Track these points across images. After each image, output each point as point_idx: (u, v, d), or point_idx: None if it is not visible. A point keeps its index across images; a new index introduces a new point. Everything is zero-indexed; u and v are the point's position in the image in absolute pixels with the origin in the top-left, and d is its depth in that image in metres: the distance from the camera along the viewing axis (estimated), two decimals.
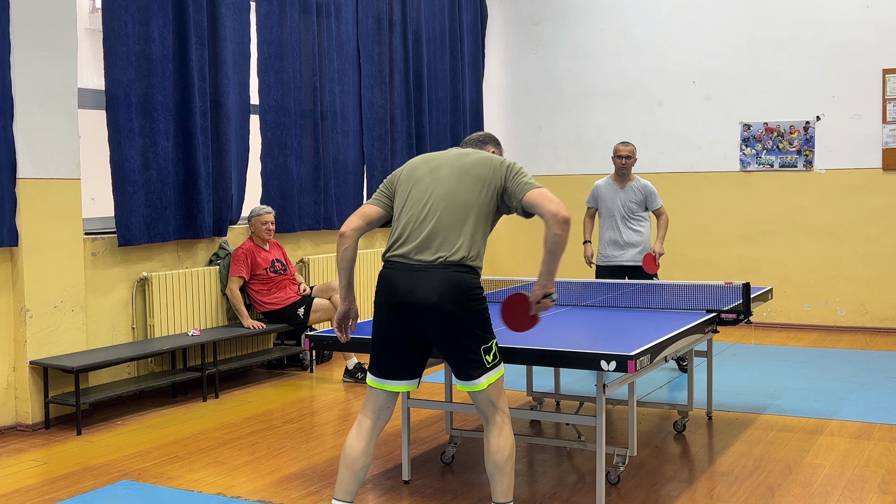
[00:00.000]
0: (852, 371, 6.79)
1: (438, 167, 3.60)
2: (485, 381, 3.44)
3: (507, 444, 3.46)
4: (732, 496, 4.16)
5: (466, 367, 3.45)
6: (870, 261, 8.49)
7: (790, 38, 8.72)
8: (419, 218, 3.51)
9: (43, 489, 4.42)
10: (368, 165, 8.32)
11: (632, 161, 6.75)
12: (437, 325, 3.43)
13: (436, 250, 3.44)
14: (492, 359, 3.46)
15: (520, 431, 5.35)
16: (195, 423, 5.62)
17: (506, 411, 3.51)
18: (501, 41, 10.17)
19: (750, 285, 4.78)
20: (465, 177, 3.53)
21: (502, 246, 10.20)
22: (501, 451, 3.45)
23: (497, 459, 3.45)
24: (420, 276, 3.42)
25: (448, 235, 3.45)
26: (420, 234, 3.48)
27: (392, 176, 3.74)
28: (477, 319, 3.44)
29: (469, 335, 3.42)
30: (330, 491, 4.31)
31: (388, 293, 3.49)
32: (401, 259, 3.49)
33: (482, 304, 3.47)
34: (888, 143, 8.36)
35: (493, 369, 3.46)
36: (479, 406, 3.52)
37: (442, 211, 3.48)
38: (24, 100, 5.49)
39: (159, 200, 6.29)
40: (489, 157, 3.60)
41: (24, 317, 5.52)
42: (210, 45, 6.68)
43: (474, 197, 3.50)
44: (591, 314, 4.80)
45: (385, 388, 3.57)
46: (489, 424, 3.50)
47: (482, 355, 3.43)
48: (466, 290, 3.41)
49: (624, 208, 6.75)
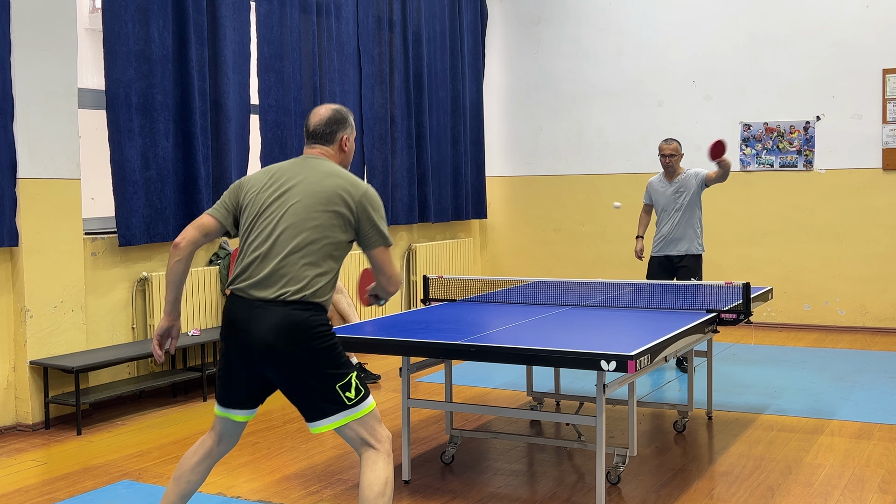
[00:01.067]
0: (852, 371, 6.79)
1: (288, 192, 3.26)
2: (347, 417, 3.16)
3: (379, 480, 3.14)
4: (732, 496, 4.16)
5: (317, 409, 3.18)
6: (870, 261, 8.49)
7: (790, 38, 8.72)
8: (261, 249, 3.22)
9: (43, 489, 4.42)
10: (369, 165, 8.32)
11: (676, 158, 6.85)
12: (277, 367, 3.16)
13: (277, 286, 3.16)
14: (353, 395, 3.17)
15: (520, 431, 5.35)
16: (195, 423, 5.62)
17: (380, 447, 3.19)
18: (501, 41, 10.16)
19: (750, 285, 4.78)
20: (315, 208, 3.21)
21: (502, 246, 10.20)
22: (371, 486, 3.13)
23: (366, 495, 3.12)
24: (259, 314, 3.15)
25: (292, 271, 3.16)
26: (262, 269, 3.19)
27: (238, 188, 3.42)
28: (324, 357, 3.15)
29: (316, 375, 3.15)
30: (330, 490, 4.31)
31: (228, 328, 3.26)
32: (242, 294, 3.22)
33: (329, 340, 3.18)
34: (888, 143, 8.36)
35: (358, 405, 3.18)
36: (349, 443, 3.25)
37: (286, 245, 3.19)
38: (25, 100, 5.49)
39: (159, 200, 6.29)
40: (345, 186, 3.25)
41: (24, 317, 5.52)
42: (210, 45, 6.68)
43: (324, 231, 3.21)
44: (591, 314, 4.80)
45: (226, 416, 3.35)
46: (361, 460, 3.22)
47: (340, 394, 3.14)
48: (308, 328, 3.13)
49: (677, 201, 6.83)
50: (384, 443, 3.22)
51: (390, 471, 3.19)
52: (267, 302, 3.16)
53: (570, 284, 6.02)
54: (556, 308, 5.00)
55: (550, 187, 9.92)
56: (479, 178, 9.96)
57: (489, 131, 10.19)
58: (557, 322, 4.53)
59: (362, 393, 3.21)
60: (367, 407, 3.21)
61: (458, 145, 9.57)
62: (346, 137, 3.44)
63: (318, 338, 3.16)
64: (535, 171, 10.00)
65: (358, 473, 4.58)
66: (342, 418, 3.17)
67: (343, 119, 3.44)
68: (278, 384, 3.26)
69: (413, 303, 9.04)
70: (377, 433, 3.21)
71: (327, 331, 3.19)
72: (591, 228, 9.68)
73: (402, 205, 8.74)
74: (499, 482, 4.41)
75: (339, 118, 3.44)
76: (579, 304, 5.16)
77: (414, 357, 4.34)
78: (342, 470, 4.64)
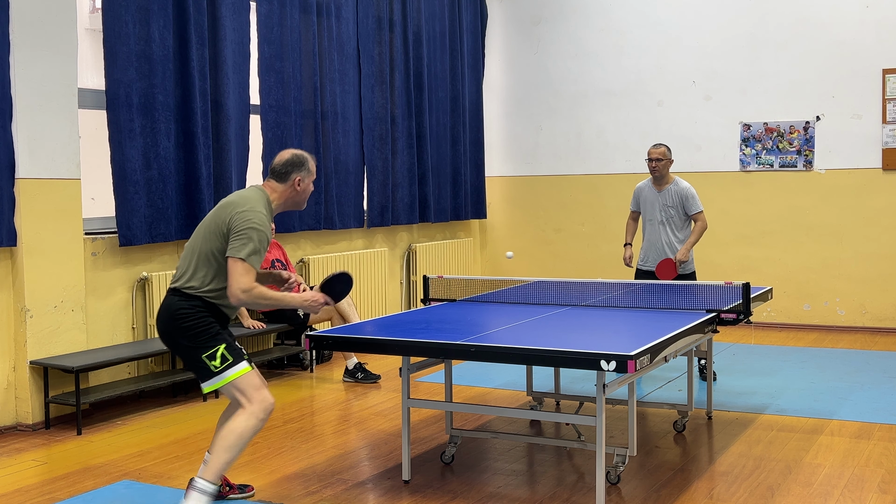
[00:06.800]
0: (852, 371, 6.79)
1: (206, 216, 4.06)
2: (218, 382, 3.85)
3: (237, 429, 3.81)
4: (732, 496, 4.16)
5: (196, 373, 3.92)
6: (870, 261, 8.50)
7: (790, 38, 8.72)
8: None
9: (43, 489, 4.42)
10: (369, 165, 8.32)
11: (663, 163, 6.50)
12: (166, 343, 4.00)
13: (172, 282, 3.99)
14: (219, 363, 3.84)
15: (520, 431, 5.35)
16: (195, 423, 5.62)
17: (249, 407, 3.84)
18: (501, 41, 10.17)
19: (750, 285, 4.78)
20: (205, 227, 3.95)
21: (502, 246, 10.20)
22: (226, 431, 3.82)
23: (221, 434, 3.84)
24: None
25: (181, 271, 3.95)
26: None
27: None
28: (183, 334, 3.86)
29: (182, 349, 3.91)
30: (330, 491, 4.32)
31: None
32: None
33: (187, 321, 3.86)
34: (888, 143, 8.37)
35: (224, 372, 3.84)
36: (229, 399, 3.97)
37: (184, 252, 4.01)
38: (25, 100, 5.49)
39: (161, 200, 6.29)
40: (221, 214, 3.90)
41: (24, 317, 5.52)
42: (210, 45, 6.68)
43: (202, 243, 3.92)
44: (591, 314, 4.81)
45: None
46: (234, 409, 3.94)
47: (206, 363, 3.84)
48: (173, 311, 3.89)
49: (662, 213, 6.55)
50: (255, 404, 3.85)
51: (249, 428, 3.82)
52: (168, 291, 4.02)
53: (570, 284, 6.02)
54: (556, 308, 5.00)
55: (550, 187, 9.92)
56: (479, 178, 9.96)
57: (489, 131, 10.19)
58: (557, 322, 4.53)
59: (229, 361, 3.85)
60: (235, 373, 3.85)
61: (457, 145, 9.57)
62: (299, 178, 4.03)
63: (180, 318, 3.87)
64: (535, 171, 10.00)
65: (358, 473, 4.59)
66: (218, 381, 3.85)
67: (300, 163, 4.04)
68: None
69: (413, 303, 9.04)
70: (249, 395, 3.86)
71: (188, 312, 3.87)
72: (591, 228, 9.68)
73: (402, 205, 8.74)
74: (499, 482, 4.41)
75: (296, 161, 4.04)
76: (579, 304, 5.17)
77: (414, 357, 4.34)
78: (342, 470, 4.65)
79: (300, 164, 4.03)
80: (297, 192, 4.04)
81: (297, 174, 4.01)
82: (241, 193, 3.99)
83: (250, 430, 3.83)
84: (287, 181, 4.01)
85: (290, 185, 4.02)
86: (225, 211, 3.89)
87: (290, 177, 4.01)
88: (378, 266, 8.37)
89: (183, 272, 3.93)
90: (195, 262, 3.91)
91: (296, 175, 4.01)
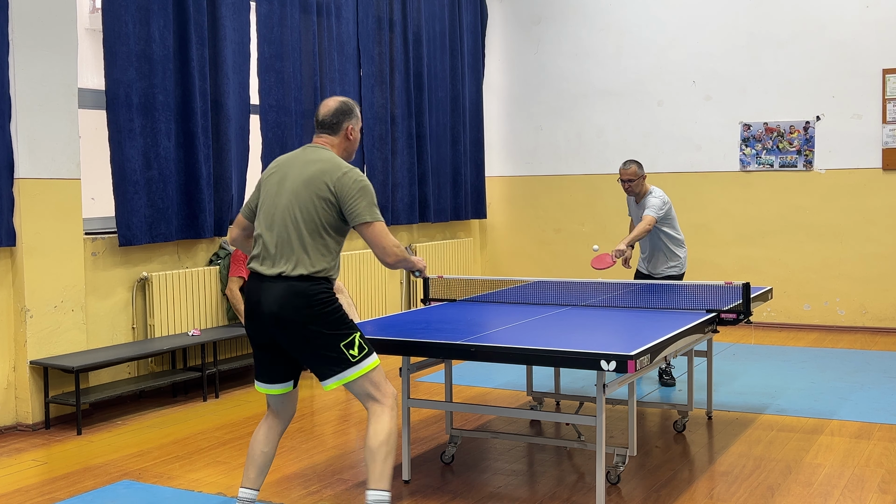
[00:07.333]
0: (852, 371, 6.79)
1: (285, 177, 3.67)
2: (354, 373, 3.55)
3: (383, 430, 3.55)
4: (732, 496, 4.16)
5: (325, 367, 3.56)
6: (870, 261, 8.50)
7: (790, 38, 8.72)
8: (265, 231, 3.65)
9: (43, 489, 4.42)
10: (369, 165, 8.32)
11: (636, 183, 6.32)
12: (285, 334, 3.56)
13: (277, 265, 3.57)
14: (357, 352, 3.56)
15: (520, 431, 5.35)
16: (195, 423, 5.62)
17: (385, 401, 3.59)
18: (501, 41, 10.17)
19: (750, 285, 4.78)
20: (304, 192, 3.59)
21: (502, 246, 10.20)
22: (375, 436, 3.54)
23: (370, 444, 3.54)
24: (267, 287, 3.57)
25: (286, 251, 3.57)
26: (266, 248, 3.62)
27: (258, 182, 3.87)
28: (324, 320, 3.52)
29: (320, 337, 3.52)
30: (330, 491, 4.32)
31: (245, 305, 3.70)
32: (255, 272, 3.66)
33: (328, 306, 3.55)
34: (888, 143, 8.36)
35: (362, 361, 3.57)
36: (358, 398, 3.65)
37: (283, 225, 3.60)
38: (25, 100, 5.49)
39: (161, 200, 6.29)
40: (329, 170, 3.60)
41: (24, 317, 5.52)
42: (210, 45, 6.68)
43: (311, 212, 3.58)
44: (591, 314, 4.81)
45: (264, 391, 3.75)
46: (368, 413, 3.62)
47: (345, 351, 3.54)
48: (309, 297, 3.52)
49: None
50: (389, 398, 3.61)
51: (393, 423, 3.56)
52: (272, 277, 3.56)
53: (570, 284, 6.02)
54: (556, 308, 5.00)
55: (550, 187, 9.92)
56: (479, 177, 9.96)
57: (489, 131, 10.19)
58: (557, 322, 4.53)
59: (366, 350, 3.59)
60: (371, 363, 3.59)
61: (457, 145, 9.57)
62: (351, 127, 3.78)
63: (319, 304, 3.52)
64: (535, 171, 10.00)
65: (358, 473, 4.59)
66: (350, 374, 3.54)
67: (349, 110, 3.78)
68: (291, 351, 3.61)
69: (413, 303, 9.04)
70: (382, 388, 3.60)
71: (326, 297, 3.55)
72: (591, 228, 9.68)
73: (403, 205, 8.74)
74: (499, 482, 4.41)
75: (345, 109, 3.77)
76: (579, 304, 5.16)
77: (414, 357, 4.33)
78: (342, 470, 4.65)
79: (349, 112, 3.77)
80: (350, 142, 3.79)
81: (349, 122, 3.76)
82: (316, 158, 3.65)
83: (394, 426, 3.58)
84: (339, 132, 3.76)
85: (343, 135, 3.76)
86: (318, 182, 3.57)
87: (343, 126, 3.75)
88: (378, 266, 8.37)
89: (291, 256, 3.54)
90: (306, 243, 3.55)
91: (347, 123, 3.76)
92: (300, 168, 3.65)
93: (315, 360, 3.57)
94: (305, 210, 3.57)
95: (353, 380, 3.55)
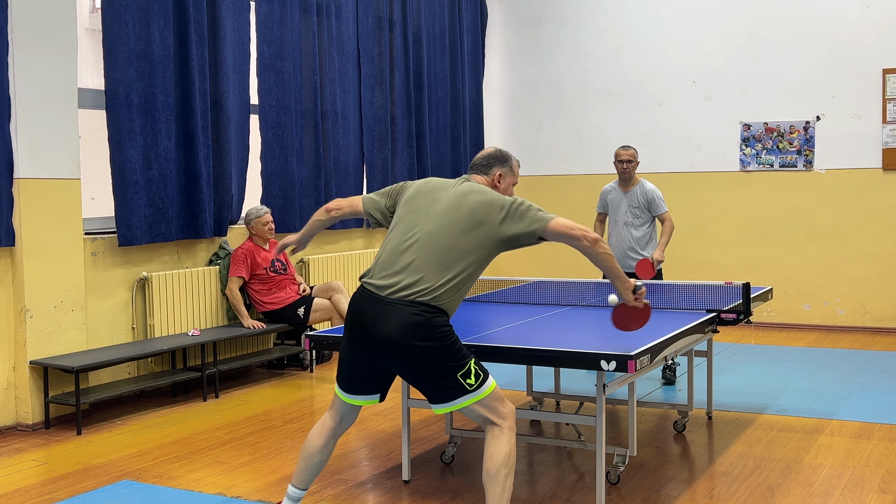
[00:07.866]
0: (852, 371, 6.79)
1: (436, 201, 3.61)
2: (469, 400, 3.43)
3: (501, 452, 3.42)
4: (732, 496, 4.16)
5: (441, 394, 3.47)
6: (870, 261, 8.50)
7: (790, 38, 8.72)
8: (400, 250, 3.54)
9: (43, 489, 4.42)
10: (368, 165, 8.32)
11: (633, 165, 6.51)
12: (401, 361, 3.46)
13: (407, 288, 3.43)
14: (474, 381, 3.44)
15: (520, 431, 5.35)
16: (195, 423, 5.62)
17: (503, 423, 3.46)
18: (501, 41, 10.17)
19: (750, 285, 4.78)
20: (458, 220, 3.51)
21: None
22: (493, 458, 3.42)
23: (488, 467, 3.42)
24: (387, 311, 3.43)
25: (421, 275, 3.45)
26: (396, 268, 3.50)
27: (401, 187, 3.82)
28: (444, 353, 3.42)
29: (438, 368, 3.42)
30: (330, 491, 4.31)
31: (355, 320, 3.53)
32: (372, 289, 3.50)
33: (447, 339, 3.44)
34: (888, 143, 8.37)
35: (479, 389, 3.44)
36: (475, 420, 3.52)
37: (423, 249, 3.49)
38: (24, 100, 5.49)
39: (161, 200, 6.29)
40: (490, 202, 3.54)
41: (24, 317, 5.52)
42: (210, 45, 6.68)
43: (461, 242, 3.48)
44: (591, 314, 4.80)
45: (348, 401, 3.69)
46: (486, 434, 3.50)
47: (461, 381, 3.42)
48: (430, 329, 3.40)
49: (628, 213, 6.53)
50: (507, 419, 3.48)
51: (512, 445, 3.45)
52: (396, 300, 3.43)
53: (570, 284, 6.02)
54: (556, 308, 5.00)
55: (550, 187, 9.92)
56: None
57: (489, 131, 10.19)
58: (557, 322, 4.53)
59: (482, 377, 3.46)
60: (487, 389, 3.46)
61: (457, 145, 9.57)
62: (500, 174, 3.81)
63: (439, 337, 3.41)
64: (535, 171, 10.00)
65: (358, 473, 4.59)
66: (464, 401, 3.44)
67: (503, 158, 3.84)
68: (402, 375, 3.55)
69: None
70: (499, 411, 3.47)
71: (447, 330, 3.45)
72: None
73: None
74: None
75: (498, 156, 3.85)
76: (579, 304, 5.16)
77: None
78: (342, 470, 4.65)
79: (503, 160, 3.82)
80: (497, 189, 3.77)
81: (499, 169, 3.80)
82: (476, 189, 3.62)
83: (513, 447, 3.45)
84: (488, 175, 3.79)
85: (491, 179, 3.78)
86: (481, 211, 3.51)
87: (492, 170, 3.79)
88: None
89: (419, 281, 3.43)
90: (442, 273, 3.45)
91: (497, 170, 3.79)
92: (455, 198, 3.58)
93: (430, 387, 3.48)
94: (458, 239, 3.48)
95: (466, 406, 3.45)
